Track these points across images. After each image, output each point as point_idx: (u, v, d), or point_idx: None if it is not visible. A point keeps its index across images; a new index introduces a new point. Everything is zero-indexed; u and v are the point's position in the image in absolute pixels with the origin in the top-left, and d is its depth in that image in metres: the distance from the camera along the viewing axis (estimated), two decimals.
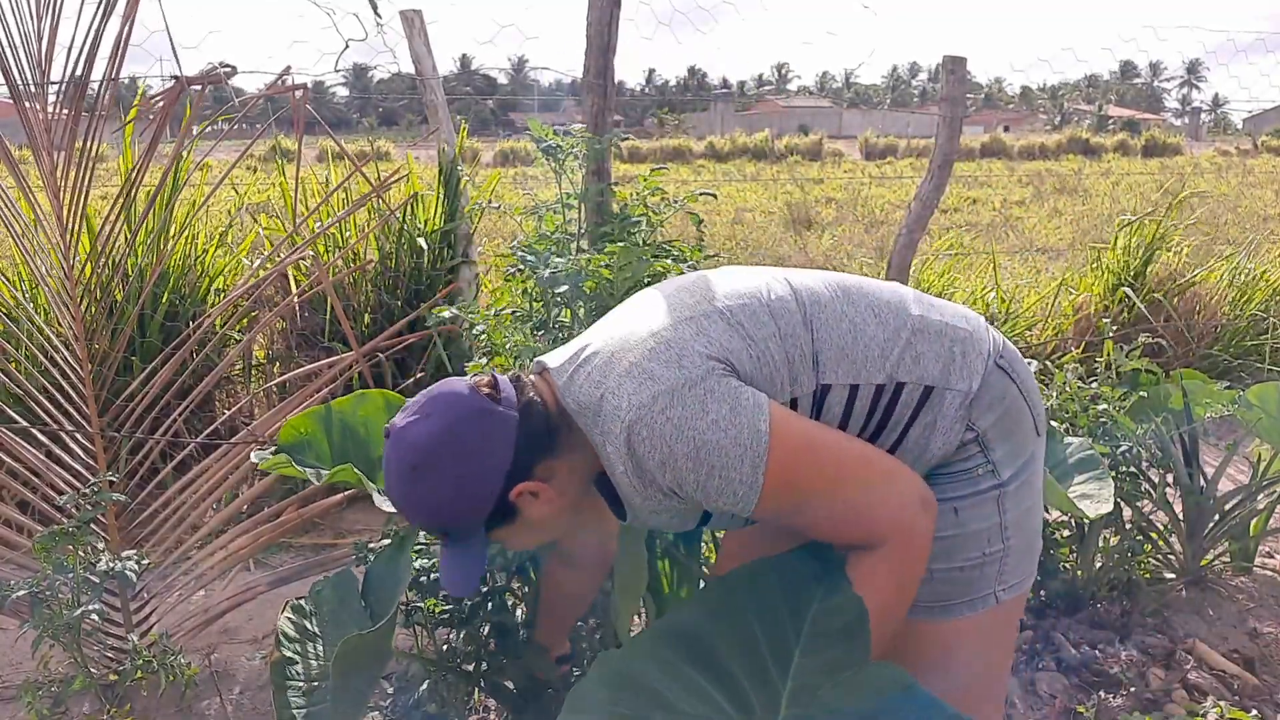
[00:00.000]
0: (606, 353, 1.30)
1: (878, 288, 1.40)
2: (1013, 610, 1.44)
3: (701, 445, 1.20)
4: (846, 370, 1.30)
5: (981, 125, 51.35)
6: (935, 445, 1.33)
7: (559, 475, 1.30)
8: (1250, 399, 2.65)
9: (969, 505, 1.34)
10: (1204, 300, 4.75)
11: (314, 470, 1.85)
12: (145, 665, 2.25)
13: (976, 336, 1.37)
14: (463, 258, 3.69)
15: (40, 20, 2.30)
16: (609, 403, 1.25)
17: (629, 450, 1.23)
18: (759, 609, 1.30)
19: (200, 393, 2.53)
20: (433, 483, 1.25)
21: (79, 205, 2.40)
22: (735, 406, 1.21)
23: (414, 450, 1.25)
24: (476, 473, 1.25)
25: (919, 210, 3.67)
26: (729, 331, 1.28)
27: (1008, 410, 1.35)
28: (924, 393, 1.31)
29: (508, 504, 1.27)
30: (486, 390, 1.28)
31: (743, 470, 1.21)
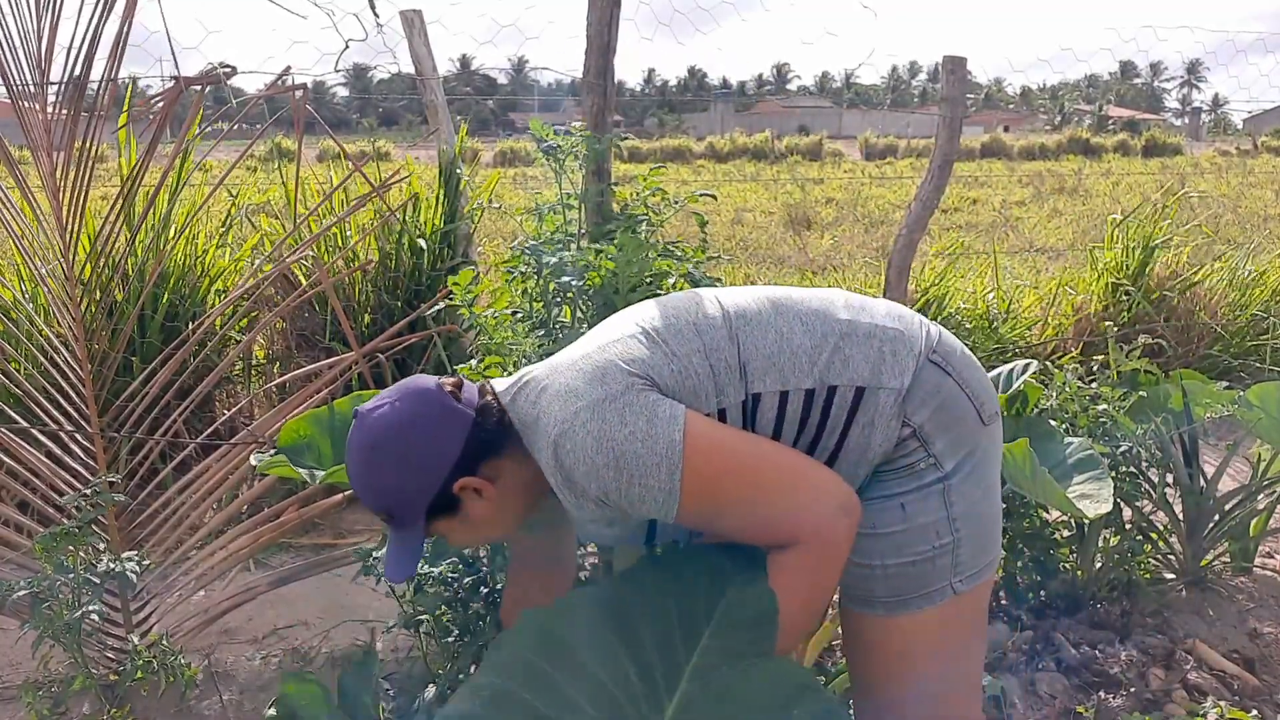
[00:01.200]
0: (543, 376, 1.39)
1: (806, 297, 1.45)
2: (975, 599, 1.46)
3: (620, 455, 1.27)
4: (775, 378, 1.36)
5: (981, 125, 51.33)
6: (876, 443, 1.37)
7: (504, 478, 1.39)
8: (1250, 399, 2.65)
9: (914, 499, 1.38)
10: (1204, 300, 4.75)
11: (310, 471, 1.85)
12: (145, 666, 2.25)
13: (907, 335, 1.41)
14: (463, 258, 3.69)
15: (39, 20, 2.30)
16: (542, 422, 1.33)
17: (557, 463, 1.31)
18: (679, 588, 1.38)
19: (200, 393, 2.53)
20: (386, 463, 1.34)
21: (79, 205, 2.40)
22: (651, 418, 1.28)
23: (373, 432, 1.35)
24: (426, 459, 1.34)
25: (919, 211, 3.67)
26: (652, 348, 1.36)
27: (943, 403, 1.38)
28: (856, 393, 1.36)
29: (451, 495, 1.36)
30: (450, 389, 1.39)
31: (660, 478, 1.27)
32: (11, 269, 3.18)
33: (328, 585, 2.81)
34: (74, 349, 2.46)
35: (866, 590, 1.43)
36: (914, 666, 1.44)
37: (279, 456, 1.88)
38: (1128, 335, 4.01)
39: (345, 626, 2.62)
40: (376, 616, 2.65)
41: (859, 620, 1.46)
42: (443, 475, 1.34)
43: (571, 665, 1.28)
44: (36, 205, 2.50)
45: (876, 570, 1.40)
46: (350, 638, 2.58)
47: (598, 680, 1.27)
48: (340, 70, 2.90)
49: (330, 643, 2.56)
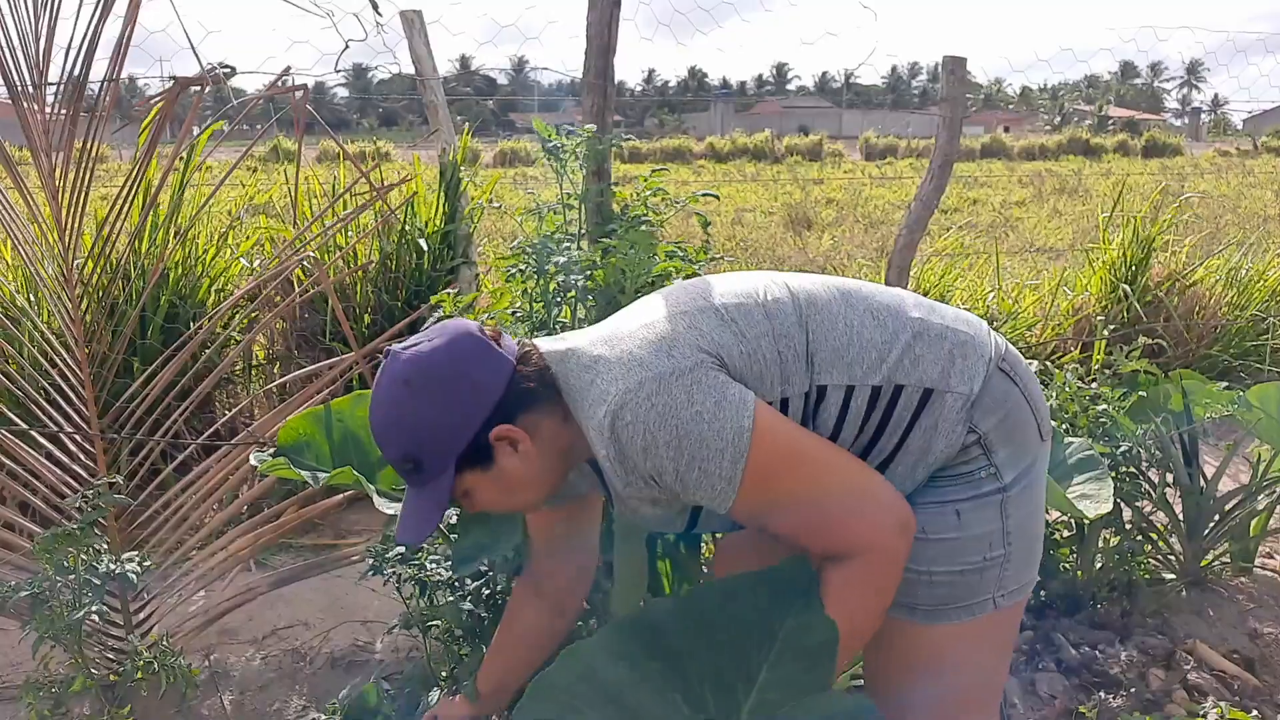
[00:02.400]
0: (600, 343, 1.31)
1: (877, 291, 1.40)
2: (1011, 617, 1.43)
3: (684, 435, 1.20)
4: (842, 372, 1.30)
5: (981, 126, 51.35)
6: (937, 447, 1.32)
7: (542, 436, 1.31)
8: (1250, 399, 2.65)
9: (971, 508, 1.33)
10: (1203, 300, 4.74)
11: (312, 473, 1.84)
12: (146, 666, 2.25)
13: (977, 340, 1.36)
14: (463, 258, 3.69)
15: (38, 20, 2.30)
16: (598, 387, 1.25)
17: (612, 434, 1.23)
18: (732, 617, 1.30)
19: (200, 394, 2.53)
20: (419, 400, 1.26)
21: (78, 206, 2.40)
22: (721, 400, 1.21)
23: (409, 366, 1.27)
24: (465, 396, 1.26)
25: (919, 211, 3.67)
26: (722, 327, 1.29)
27: (1010, 413, 1.34)
28: (924, 395, 1.31)
29: (486, 444, 1.28)
30: (491, 333, 1.32)
31: (722, 465, 1.21)
32: (11, 270, 3.18)
33: (328, 586, 2.81)
34: (74, 350, 2.46)
35: (909, 595, 1.37)
36: (938, 678, 1.40)
37: (279, 458, 1.88)
38: (1127, 335, 4.01)
39: (345, 627, 2.62)
40: (376, 617, 2.65)
41: (892, 625, 1.40)
42: (482, 416, 1.26)
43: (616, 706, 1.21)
44: (35, 206, 2.50)
45: (923, 577, 1.35)
46: (350, 638, 2.58)
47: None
48: (340, 70, 2.90)
49: (330, 643, 2.56)
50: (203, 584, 2.43)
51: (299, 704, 2.29)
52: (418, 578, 1.95)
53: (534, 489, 1.36)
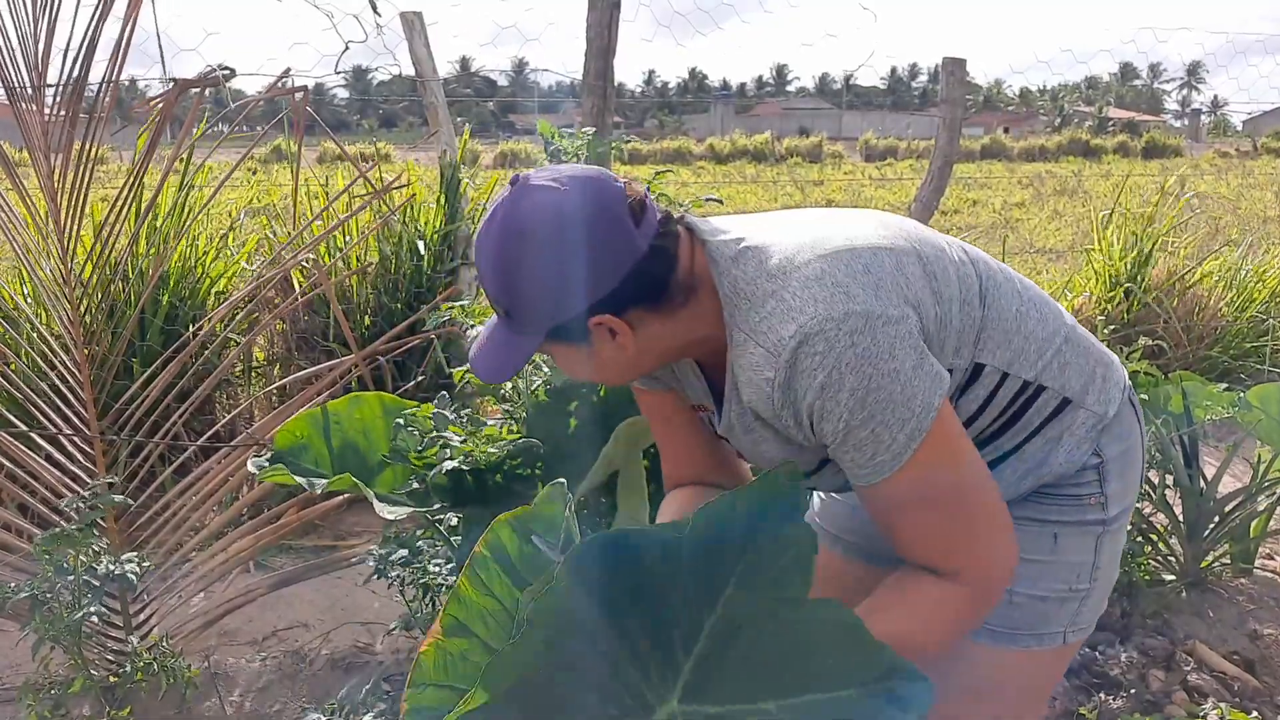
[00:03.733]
0: (789, 247, 1.15)
1: (1035, 285, 1.33)
2: (1069, 655, 1.38)
3: (874, 389, 1.07)
4: (1004, 356, 1.21)
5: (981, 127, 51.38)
6: (1057, 460, 1.26)
7: (648, 330, 1.16)
8: (1250, 400, 2.65)
9: (1070, 534, 1.29)
10: (1203, 301, 4.74)
11: (309, 479, 1.84)
12: (145, 667, 2.25)
13: (1116, 365, 1.32)
14: (462, 260, 3.69)
15: (37, 22, 2.30)
16: (785, 301, 1.10)
17: (791, 358, 1.08)
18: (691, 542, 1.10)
19: (200, 396, 2.53)
20: (528, 256, 1.11)
21: (78, 208, 2.40)
22: (919, 365, 1.09)
23: (529, 214, 1.10)
24: (575, 273, 1.10)
25: (919, 212, 3.67)
26: (924, 281, 1.16)
27: (1131, 448, 1.30)
28: (1060, 404, 1.25)
29: (584, 326, 1.14)
30: (633, 204, 1.12)
31: (898, 435, 1.09)
32: (11, 272, 3.18)
33: (328, 587, 2.81)
34: (73, 352, 2.46)
35: None
36: (989, 702, 1.35)
37: (277, 464, 1.87)
38: (1127, 336, 4.01)
39: (345, 628, 2.62)
40: (377, 618, 2.65)
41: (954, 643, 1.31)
42: (585, 301, 1.11)
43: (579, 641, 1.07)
44: (35, 208, 2.50)
45: (1003, 596, 1.25)
46: (350, 639, 2.58)
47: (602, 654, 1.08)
48: (340, 72, 2.91)
49: (330, 645, 2.56)
50: (202, 585, 2.43)
51: (299, 705, 2.29)
52: (420, 581, 1.95)
53: (617, 374, 1.25)
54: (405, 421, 1.90)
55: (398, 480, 1.91)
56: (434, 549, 1.98)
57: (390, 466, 1.93)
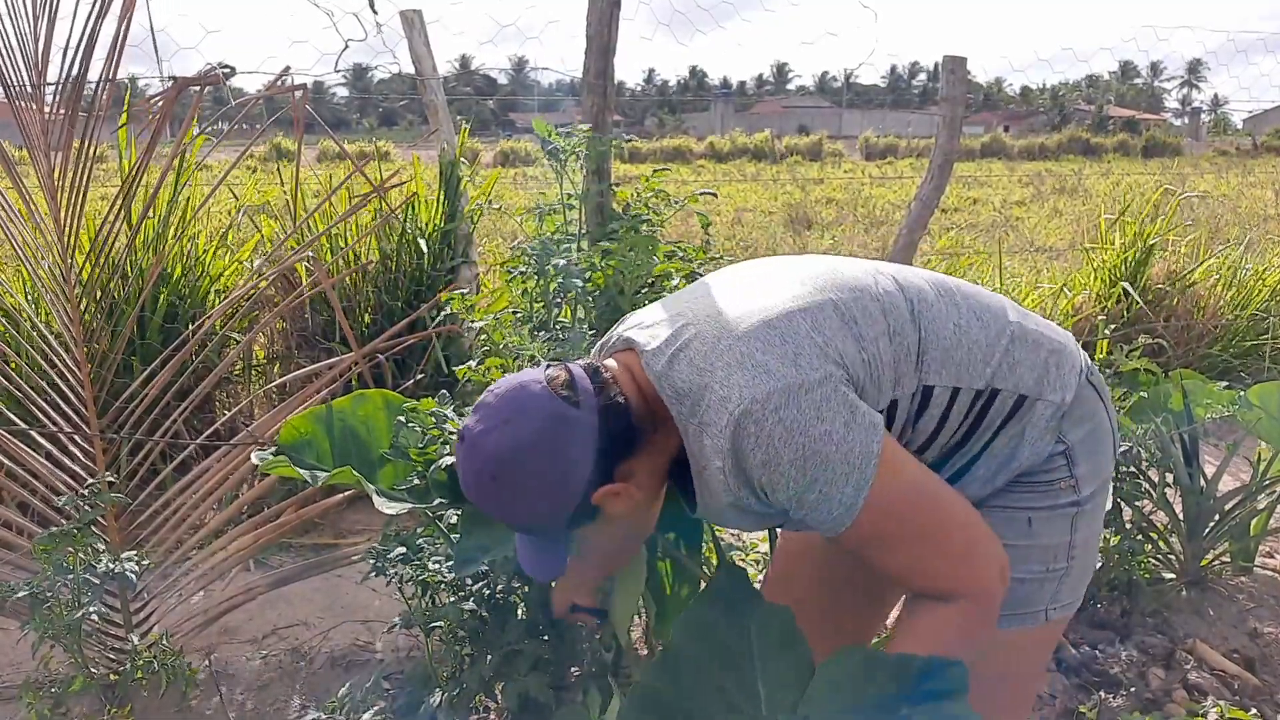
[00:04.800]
0: (711, 336, 1.22)
1: (978, 291, 1.36)
2: (1056, 630, 1.42)
3: (810, 454, 1.14)
4: (950, 372, 1.26)
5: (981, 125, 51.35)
6: (1023, 454, 1.30)
7: (642, 472, 1.26)
8: (1250, 399, 2.65)
9: (1044, 517, 1.32)
10: (1203, 300, 4.74)
11: (312, 472, 1.84)
12: (146, 666, 2.25)
13: (1069, 350, 1.35)
14: (463, 258, 3.69)
15: (36, 21, 2.30)
16: (715, 392, 1.17)
17: (732, 445, 1.16)
18: (711, 653, 1.27)
19: (200, 394, 2.53)
20: (513, 493, 1.21)
21: (77, 206, 2.40)
22: (850, 421, 1.15)
23: (493, 461, 1.20)
24: (554, 483, 1.20)
25: (919, 210, 3.67)
26: (843, 330, 1.21)
27: (1096, 428, 1.33)
28: (1017, 401, 1.28)
29: (590, 507, 1.23)
30: (563, 392, 1.21)
31: (845, 490, 1.16)
32: (11, 270, 3.18)
33: (328, 585, 2.81)
34: (73, 350, 2.46)
35: None
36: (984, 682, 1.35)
37: (280, 456, 1.87)
38: (1127, 335, 4.01)
39: (345, 626, 2.62)
40: (377, 616, 2.65)
41: None
42: (577, 495, 1.20)
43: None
44: (34, 206, 2.50)
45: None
46: (350, 638, 2.58)
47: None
48: (340, 70, 2.90)
49: (330, 643, 2.56)
50: (202, 584, 2.43)
51: (299, 704, 2.29)
52: (420, 578, 1.95)
53: (646, 516, 1.38)
54: (406, 418, 1.90)
55: (399, 476, 1.92)
56: (434, 546, 1.97)
57: (391, 463, 1.93)
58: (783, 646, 1.27)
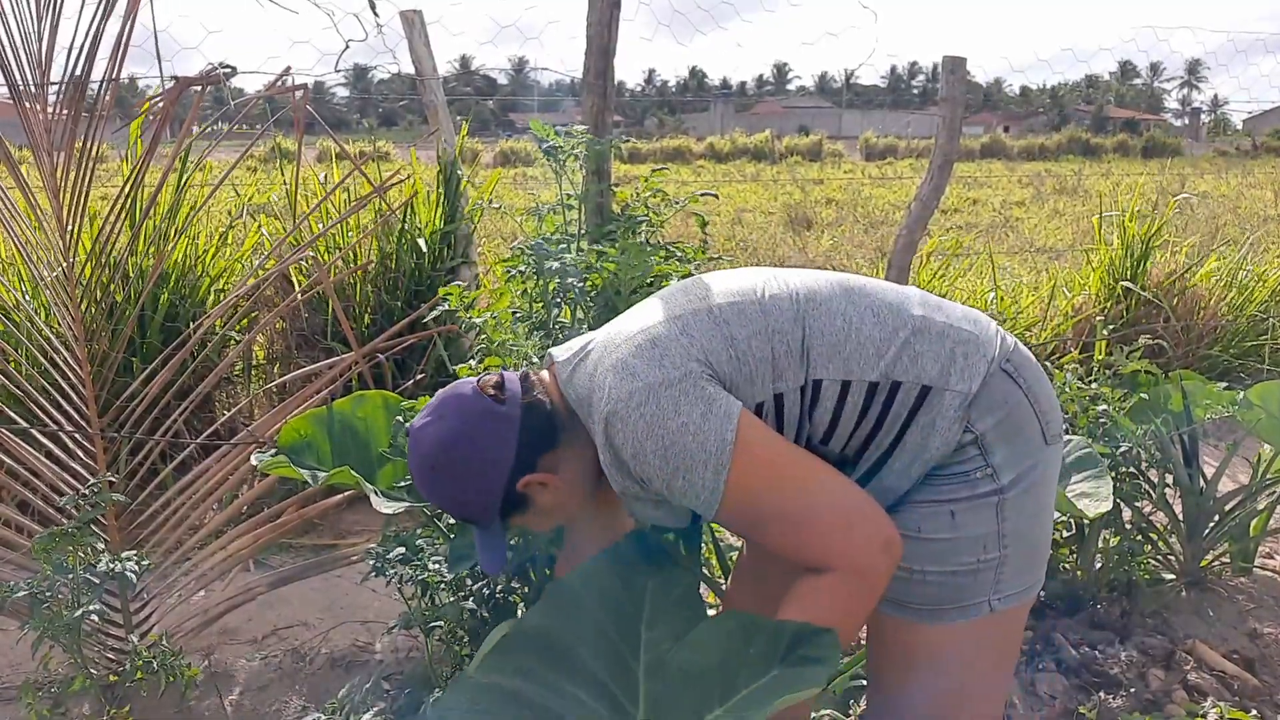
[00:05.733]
0: (600, 348, 1.37)
1: (882, 289, 1.40)
2: (1010, 620, 1.42)
3: (670, 445, 1.26)
4: (838, 366, 1.32)
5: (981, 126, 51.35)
6: (934, 445, 1.32)
7: (566, 466, 1.39)
8: (1250, 399, 2.65)
9: (966, 509, 1.33)
10: (1203, 300, 4.75)
11: (311, 472, 1.84)
12: (145, 666, 2.25)
13: (982, 339, 1.36)
14: (462, 258, 3.69)
15: (40, 20, 2.30)
16: (596, 395, 1.32)
17: (606, 440, 1.30)
18: (600, 599, 1.39)
19: (200, 393, 2.53)
20: (447, 480, 1.37)
21: (79, 206, 2.40)
22: (706, 413, 1.26)
23: (429, 451, 1.37)
24: (482, 469, 1.35)
25: (919, 211, 3.67)
26: (713, 331, 1.32)
27: (1010, 414, 1.34)
28: (921, 392, 1.32)
29: (517, 494, 1.37)
30: (491, 392, 1.37)
31: (705, 476, 1.26)
32: (12, 269, 3.18)
33: (327, 586, 2.82)
34: (74, 349, 2.46)
35: (902, 594, 1.37)
36: (937, 677, 1.40)
37: (279, 456, 1.88)
38: (1127, 336, 4.01)
39: (345, 627, 2.62)
40: (376, 617, 2.65)
41: (888, 622, 1.42)
42: (502, 482, 1.35)
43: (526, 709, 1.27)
44: (37, 205, 2.50)
45: (915, 576, 1.35)
46: (350, 638, 2.58)
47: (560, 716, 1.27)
48: (340, 70, 2.90)
49: (330, 643, 2.56)
50: (202, 584, 2.43)
51: (299, 704, 2.29)
52: (420, 578, 1.95)
53: (575, 506, 1.46)
54: (404, 417, 1.90)
55: (398, 476, 1.92)
56: (433, 546, 1.98)
57: (391, 463, 1.94)
58: (677, 606, 1.38)
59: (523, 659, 1.33)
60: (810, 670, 1.20)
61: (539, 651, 1.34)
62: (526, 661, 1.32)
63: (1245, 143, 34.56)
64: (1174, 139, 34.72)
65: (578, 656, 1.33)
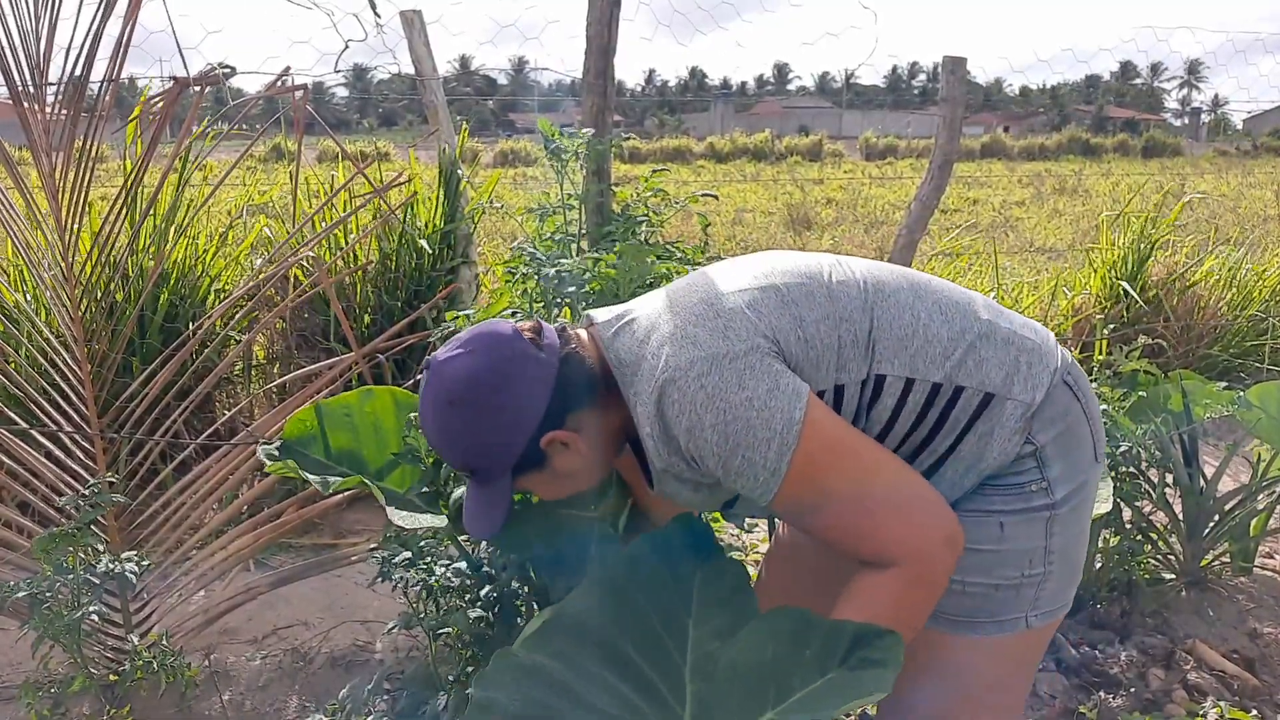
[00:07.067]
0: (654, 315, 1.29)
1: (947, 287, 1.36)
2: (1041, 637, 1.39)
3: (731, 419, 1.17)
4: (903, 363, 1.26)
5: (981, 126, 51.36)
6: (991, 454, 1.28)
7: (591, 428, 1.30)
8: (1250, 399, 2.65)
9: (1016, 521, 1.29)
10: (1203, 300, 4.74)
11: (321, 478, 1.83)
12: (145, 666, 2.25)
13: (1045, 350, 1.33)
14: (462, 258, 3.69)
15: (39, 21, 2.30)
16: (648, 363, 1.24)
17: (658, 411, 1.21)
18: (645, 588, 1.30)
19: (200, 394, 2.53)
20: (466, 419, 1.25)
21: (78, 206, 2.40)
22: (773, 388, 1.18)
23: (453, 384, 1.25)
24: (511, 414, 1.25)
25: (919, 211, 3.67)
26: (781, 310, 1.25)
27: (1069, 428, 1.31)
28: (984, 399, 1.27)
29: (537, 450, 1.27)
30: (530, 335, 1.28)
31: (768, 455, 1.18)
32: (12, 270, 3.18)
33: (328, 585, 2.82)
34: (74, 350, 2.46)
35: (941, 604, 1.31)
36: (960, 689, 1.37)
37: (286, 457, 1.86)
38: (1127, 335, 4.01)
39: (345, 627, 2.62)
40: (376, 617, 2.65)
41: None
42: (529, 431, 1.25)
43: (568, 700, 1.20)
44: (36, 206, 2.50)
45: (955, 586, 1.30)
46: (350, 638, 2.58)
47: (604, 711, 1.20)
48: (340, 70, 2.91)
49: (330, 643, 2.56)
50: (202, 584, 2.43)
51: (299, 704, 2.29)
52: (425, 582, 1.94)
53: (590, 475, 1.37)
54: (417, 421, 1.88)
55: (407, 479, 1.91)
56: (435, 550, 1.97)
57: (402, 465, 1.92)
58: (726, 600, 1.30)
59: (565, 644, 1.24)
60: (871, 674, 1.13)
61: (582, 639, 1.25)
62: (569, 648, 1.24)
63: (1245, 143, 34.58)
64: (1174, 139, 34.70)
65: (622, 649, 1.25)
